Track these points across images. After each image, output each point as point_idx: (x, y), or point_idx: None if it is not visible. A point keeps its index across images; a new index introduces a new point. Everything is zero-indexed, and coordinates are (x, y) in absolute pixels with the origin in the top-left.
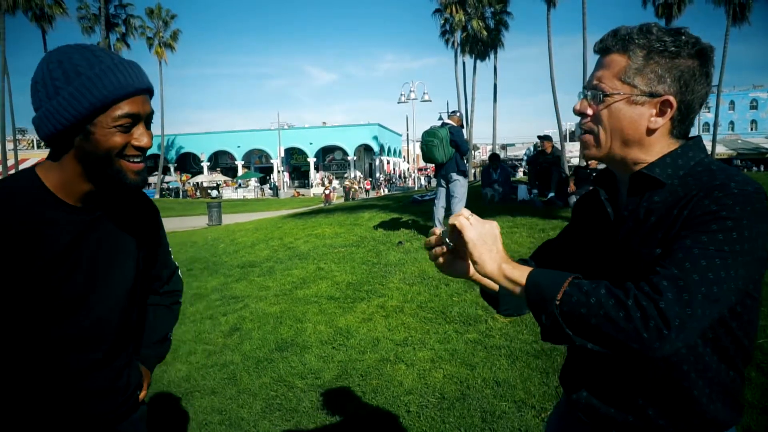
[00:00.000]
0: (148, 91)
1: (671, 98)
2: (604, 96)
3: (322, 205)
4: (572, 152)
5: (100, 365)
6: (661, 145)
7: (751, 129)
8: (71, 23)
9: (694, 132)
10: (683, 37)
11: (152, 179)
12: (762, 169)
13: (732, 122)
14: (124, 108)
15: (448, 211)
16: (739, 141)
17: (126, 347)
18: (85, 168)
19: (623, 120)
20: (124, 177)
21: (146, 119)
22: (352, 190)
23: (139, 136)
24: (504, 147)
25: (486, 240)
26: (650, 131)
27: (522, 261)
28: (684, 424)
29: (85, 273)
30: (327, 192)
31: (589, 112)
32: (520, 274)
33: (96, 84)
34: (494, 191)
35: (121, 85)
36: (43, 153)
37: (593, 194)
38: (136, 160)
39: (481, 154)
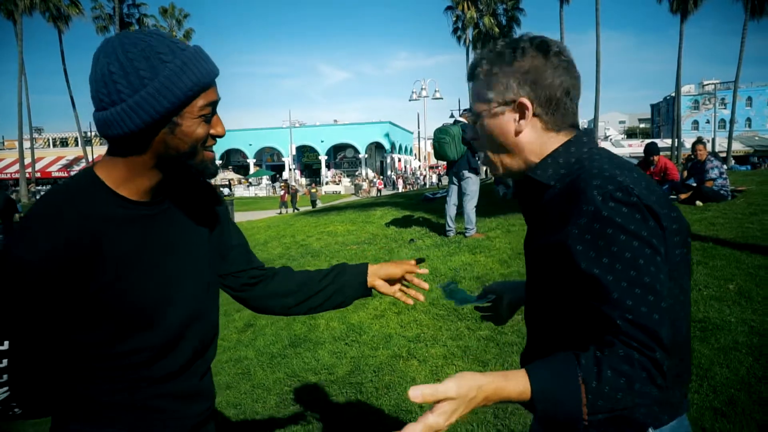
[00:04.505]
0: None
1: (523, 99)
2: (476, 119)
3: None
4: None
5: (183, 370)
6: (540, 142)
7: None
8: (86, 23)
9: (709, 129)
10: (520, 43)
11: None
12: None
13: (749, 119)
14: (208, 97)
15: (460, 209)
16: (756, 138)
17: (209, 349)
18: (162, 161)
19: (494, 132)
20: (206, 167)
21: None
22: (311, 192)
23: (215, 125)
24: None
25: (464, 406)
26: (518, 133)
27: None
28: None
29: (157, 274)
30: (282, 192)
31: (476, 137)
32: (519, 391)
33: (186, 72)
34: (506, 188)
35: (207, 73)
36: (59, 151)
37: None
38: (211, 149)
39: None
